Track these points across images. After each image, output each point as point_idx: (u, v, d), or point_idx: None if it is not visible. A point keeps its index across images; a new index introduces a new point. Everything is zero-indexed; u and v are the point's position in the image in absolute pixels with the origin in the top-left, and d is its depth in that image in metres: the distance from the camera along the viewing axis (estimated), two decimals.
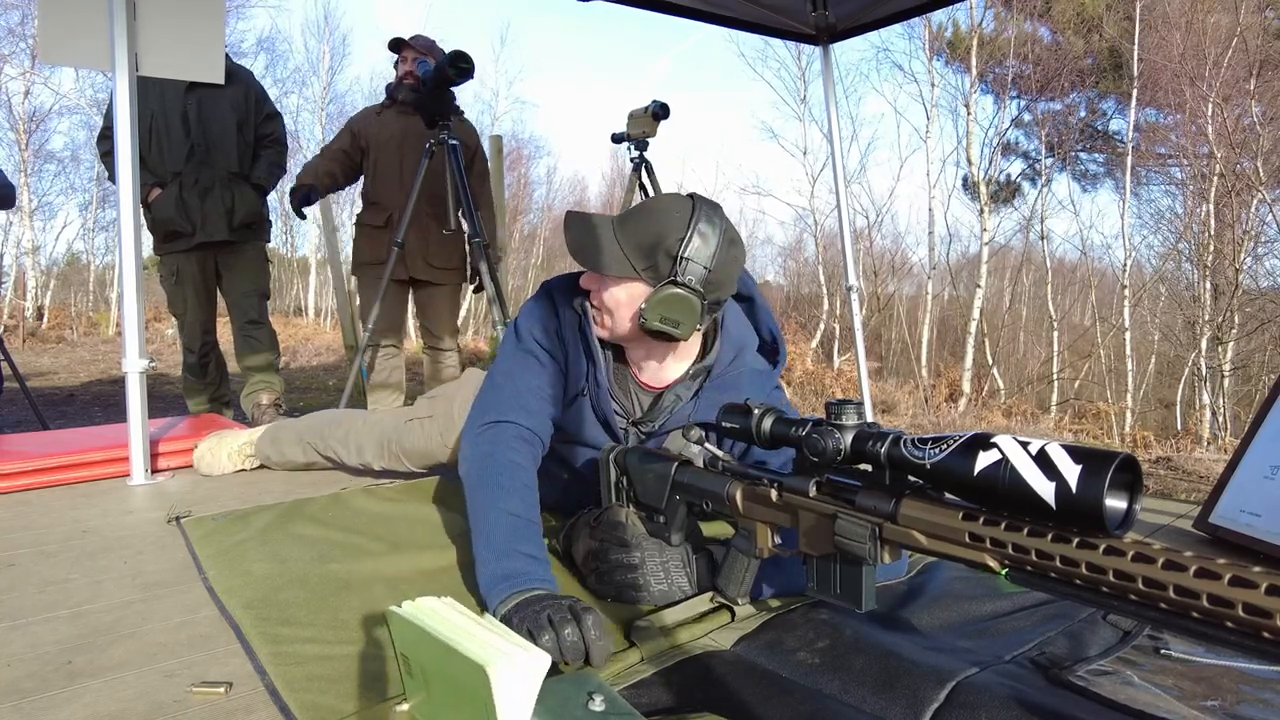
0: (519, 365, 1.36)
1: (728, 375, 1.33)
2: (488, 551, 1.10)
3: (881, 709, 0.85)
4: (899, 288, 13.24)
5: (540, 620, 0.93)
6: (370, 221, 3.14)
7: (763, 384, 1.37)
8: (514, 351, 1.38)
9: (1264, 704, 0.89)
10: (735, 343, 1.34)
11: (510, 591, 1.02)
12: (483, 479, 1.21)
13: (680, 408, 1.34)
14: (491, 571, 1.07)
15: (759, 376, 1.36)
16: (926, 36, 12.15)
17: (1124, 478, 0.65)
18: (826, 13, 3.15)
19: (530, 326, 1.37)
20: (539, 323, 1.37)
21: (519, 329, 1.39)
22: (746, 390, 1.32)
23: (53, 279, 15.31)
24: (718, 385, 1.32)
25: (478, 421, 1.31)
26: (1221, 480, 1.55)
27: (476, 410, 1.35)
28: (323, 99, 16.86)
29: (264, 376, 3.26)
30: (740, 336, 1.35)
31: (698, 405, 1.33)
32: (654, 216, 1.22)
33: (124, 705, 0.89)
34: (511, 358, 1.37)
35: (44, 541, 1.51)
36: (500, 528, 1.13)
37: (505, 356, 1.39)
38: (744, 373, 1.34)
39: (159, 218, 3.01)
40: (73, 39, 2.03)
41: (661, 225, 1.20)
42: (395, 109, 3.15)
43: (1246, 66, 9.09)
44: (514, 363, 1.36)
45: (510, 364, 1.37)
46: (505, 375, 1.36)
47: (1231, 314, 9.01)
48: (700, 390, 1.33)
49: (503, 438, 1.27)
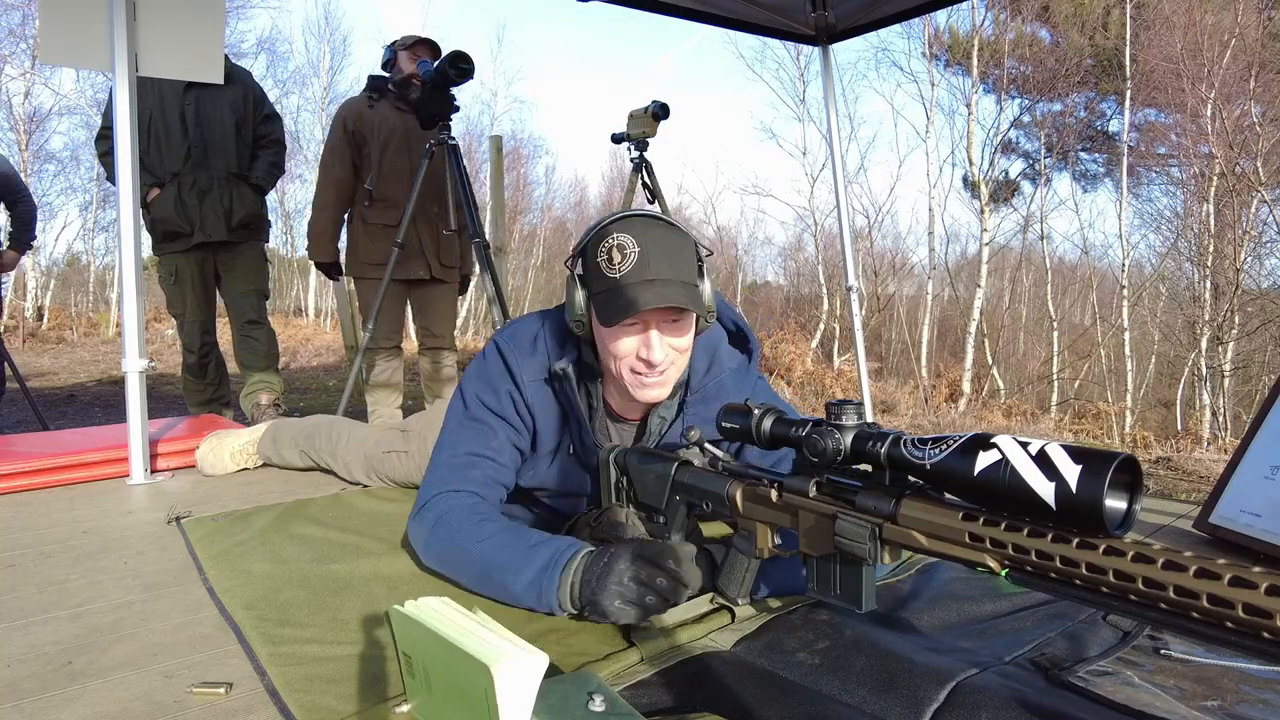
0: (466, 434, 1.25)
1: (708, 385, 1.28)
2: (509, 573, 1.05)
3: (881, 709, 0.85)
4: (899, 288, 13.26)
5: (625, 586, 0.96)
6: (378, 221, 3.03)
7: (744, 382, 1.33)
8: (461, 422, 1.27)
9: (1264, 704, 0.89)
10: (707, 346, 1.29)
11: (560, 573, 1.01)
12: (450, 537, 1.14)
13: (667, 429, 1.30)
14: (526, 579, 1.03)
15: (739, 376, 1.32)
16: (926, 36, 12.16)
17: (1124, 478, 0.65)
18: (826, 13, 3.15)
19: (479, 392, 1.27)
20: (488, 387, 1.26)
21: (465, 397, 1.29)
22: (731, 394, 1.28)
23: (53, 279, 15.31)
24: (701, 397, 1.28)
25: (420, 504, 1.21)
26: (1222, 480, 1.55)
27: (421, 493, 1.24)
28: (323, 99, 16.87)
29: (263, 376, 3.25)
30: (708, 338, 1.29)
31: (684, 422, 1.28)
32: (684, 237, 1.16)
33: (124, 706, 0.89)
34: (457, 429, 1.27)
35: (44, 542, 1.51)
36: (500, 546, 1.08)
37: (449, 430, 1.28)
38: (724, 377, 1.30)
39: (158, 218, 3.01)
40: (73, 39, 2.03)
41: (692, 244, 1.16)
42: (391, 104, 3.09)
43: (1246, 66, 9.09)
44: (459, 433, 1.26)
45: (454, 434, 1.26)
46: (448, 447, 1.25)
47: (1232, 314, 9.01)
48: (683, 405, 1.29)
49: (450, 502, 1.19)
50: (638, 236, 1.11)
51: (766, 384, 1.39)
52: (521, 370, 1.25)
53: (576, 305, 1.17)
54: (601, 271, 1.12)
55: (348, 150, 3.03)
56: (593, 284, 1.15)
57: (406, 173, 3.03)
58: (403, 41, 3.08)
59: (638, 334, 1.13)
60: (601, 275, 1.12)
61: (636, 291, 1.09)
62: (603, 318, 1.12)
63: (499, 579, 1.06)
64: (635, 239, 1.11)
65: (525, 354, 1.25)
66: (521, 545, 1.07)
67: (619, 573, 0.97)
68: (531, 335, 1.27)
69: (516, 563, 1.05)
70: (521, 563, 1.05)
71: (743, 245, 17.20)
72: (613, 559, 0.99)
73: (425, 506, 1.19)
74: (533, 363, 1.25)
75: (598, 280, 1.13)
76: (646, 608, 0.97)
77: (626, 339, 1.14)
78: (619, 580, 0.96)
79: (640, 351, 1.14)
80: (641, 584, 0.96)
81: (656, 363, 1.14)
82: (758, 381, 1.36)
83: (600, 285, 1.13)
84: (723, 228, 17.52)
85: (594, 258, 1.13)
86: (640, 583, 0.96)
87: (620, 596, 0.96)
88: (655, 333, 1.13)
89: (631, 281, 1.09)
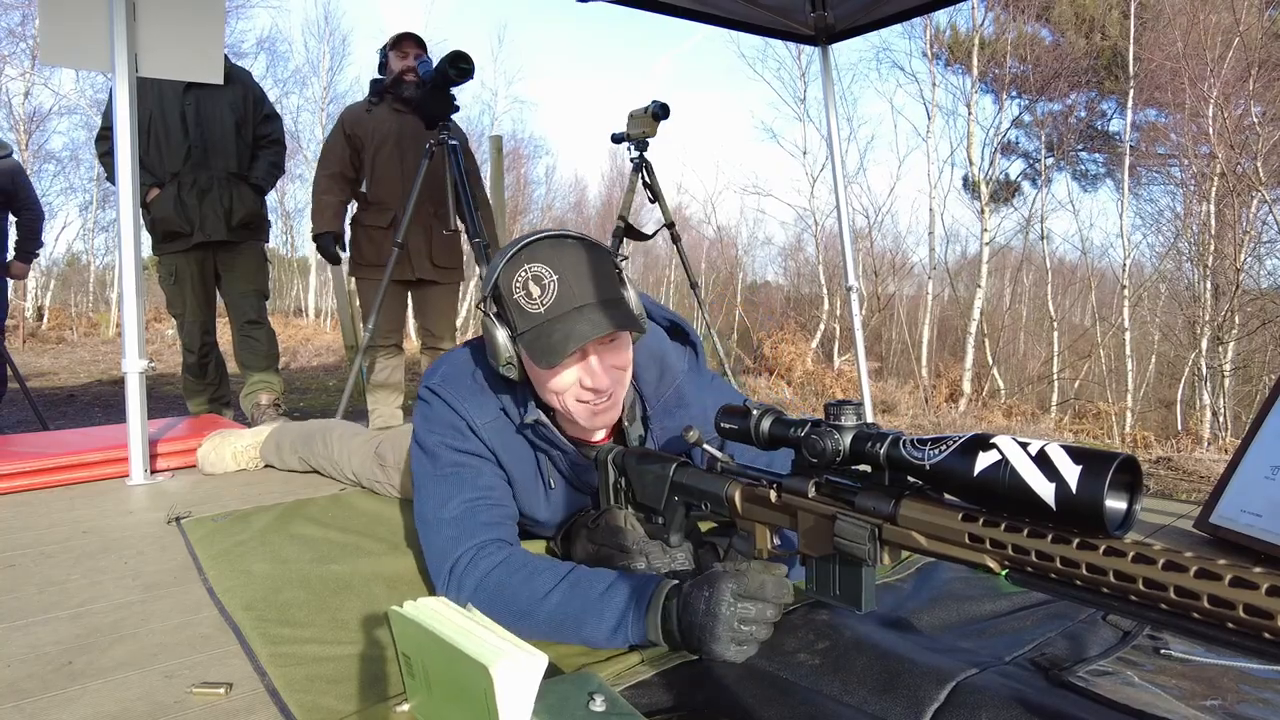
0: (448, 485, 1.14)
1: (667, 396, 1.24)
2: (586, 625, 0.99)
3: (882, 710, 0.85)
4: (899, 288, 13.25)
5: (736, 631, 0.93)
6: (373, 223, 3.10)
7: (700, 383, 1.29)
8: (435, 478, 1.16)
9: (1264, 704, 0.89)
10: (653, 354, 1.24)
11: (645, 615, 0.98)
12: (504, 603, 1.03)
13: (645, 437, 1.27)
14: (608, 627, 0.98)
15: (693, 378, 1.28)
16: (927, 36, 12.16)
17: (1124, 478, 0.65)
18: (825, 13, 3.15)
19: (442, 440, 1.16)
20: (449, 429, 1.16)
21: (427, 450, 1.17)
22: (691, 398, 1.26)
23: (53, 279, 15.30)
24: (663, 408, 1.25)
25: (443, 573, 1.10)
26: (1222, 480, 1.55)
27: (432, 561, 1.13)
28: (323, 99, 16.86)
29: (263, 377, 3.26)
30: (649, 344, 1.23)
31: (653, 437, 1.25)
32: (597, 251, 1.10)
33: (124, 706, 0.89)
34: (436, 485, 1.15)
35: (44, 542, 1.51)
36: (567, 599, 1.01)
37: (427, 490, 1.16)
38: (680, 383, 1.26)
39: (157, 218, 3.01)
40: (73, 40, 2.04)
41: (607, 255, 1.10)
42: (388, 106, 3.12)
43: (1246, 65, 9.09)
44: (440, 487, 1.15)
45: (436, 491, 1.15)
46: (436, 508, 1.14)
47: (1232, 314, 9.01)
48: (647, 420, 1.25)
49: (481, 564, 1.08)
50: (551, 263, 1.03)
51: (721, 380, 1.37)
52: (470, 413, 1.16)
53: (502, 349, 1.08)
54: (522, 309, 1.04)
55: (345, 152, 3.09)
56: (516, 323, 1.06)
57: (398, 175, 3.06)
58: (390, 42, 3.11)
59: (576, 363, 1.08)
60: (523, 313, 1.04)
61: (566, 324, 1.02)
62: (536, 359, 1.03)
63: (574, 631, 1.00)
64: (549, 266, 1.03)
65: (469, 394, 1.17)
66: (591, 594, 1.01)
67: (725, 620, 0.93)
68: (468, 373, 1.19)
69: (592, 613, 0.99)
70: (597, 612, 0.99)
71: (743, 245, 17.20)
72: (713, 605, 0.94)
73: (454, 571, 1.08)
74: (481, 402, 1.17)
75: (520, 318, 1.05)
76: (758, 641, 0.96)
77: (565, 373, 1.08)
78: (728, 627, 0.93)
79: (584, 381, 1.09)
80: (749, 623, 0.94)
81: (602, 389, 1.09)
82: (713, 380, 1.34)
83: (524, 324, 1.05)
84: (723, 227, 17.52)
85: (510, 295, 1.05)
86: (747, 622, 0.94)
87: (734, 641, 0.93)
88: (594, 358, 1.08)
89: (556, 314, 1.02)
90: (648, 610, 0.98)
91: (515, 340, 1.07)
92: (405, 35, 3.10)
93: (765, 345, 10.51)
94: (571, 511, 1.31)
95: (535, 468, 1.23)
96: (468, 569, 1.07)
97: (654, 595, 0.99)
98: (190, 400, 3.31)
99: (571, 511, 1.31)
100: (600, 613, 0.99)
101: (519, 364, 1.10)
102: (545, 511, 1.27)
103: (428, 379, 1.21)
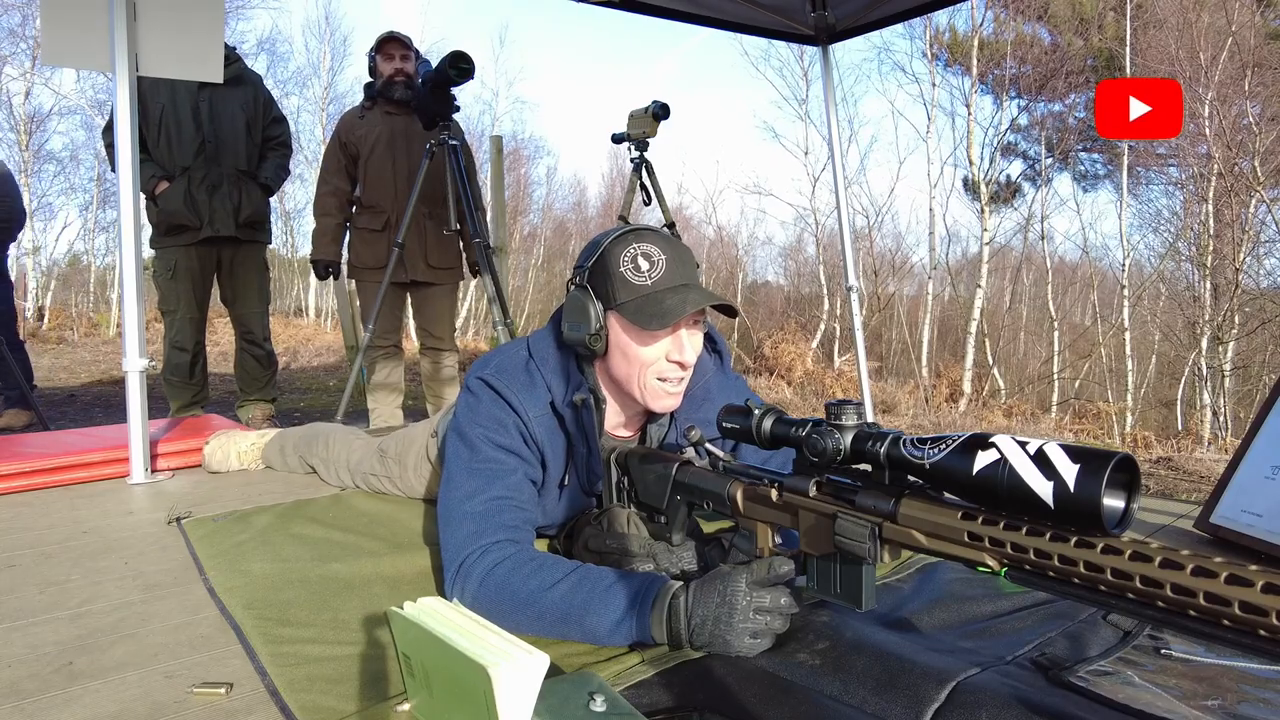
0: (479, 479, 1.15)
1: (695, 390, 1.28)
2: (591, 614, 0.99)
3: (882, 710, 0.85)
4: (899, 288, 13.24)
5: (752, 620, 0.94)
6: (367, 226, 3.11)
7: (726, 382, 1.34)
8: (470, 467, 1.16)
9: (1264, 703, 0.89)
10: None
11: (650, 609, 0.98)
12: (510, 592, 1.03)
13: (664, 436, 1.31)
14: (612, 619, 0.98)
15: (720, 377, 1.34)
16: (928, 36, 12.16)
17: (1122, 477, 0.65)
18: (826, 13, 3.15)
19: (485, 433, 1.17)
20: (495, 424, 1.17)
21: (469, 440, 1.17)
22: (716, 395, 1.30)
23: (53, 279, 15.29)
24: (689, 403, 1.27)
25: (454, 564, 1.09)
26: (1222, 480, 1.55)
27: (447, 549, 1.12)
28: (323, 100, 16.85)
29: (260, 395, 3.37)
30: None
31: (677, 428, 1.29)
32: (684, 245, 1.22)
33: (124, 706, 0.90)
34: (467, 476, 1.15)
35: (45, 542, 1.51)
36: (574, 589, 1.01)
37: (457, 479, 1.16)
38: (709, 380, 1.31)
39: (166, 210, 3.02)
40: (74, 40, 2.04)
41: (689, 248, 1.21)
42: (379, 109, 3.12)
43: (1241, 66, 9.08)
44: (471, 480, 1.15)
45: (465, 482, 1.15)
46: (464, 499, 1.13)
47: (1232, 314, 9.00)
48: (673, 413, 1.28)
49: (492, 557, 1.08)
50: (659, 245, 1.15)
51: (744, 383, 1.43)
52: (525, 404, 1.18)
53: (592, 320, 1.15)
54: (628, 281, 1.13)
55: (342, 161, 3.11)
56: (617, 294, 1.13)
57: (390, 177, 3.07)
58: (375, 45, 3.13)
59: (669, 335, 1.15)
60: (628, 285, 1.13)
61: (678, 294, 1.11)
62: (645, 323, 1.10)
63: (578, 621, 1.00)
64: (658, 247, 1.14)
65: (522, 387, 1.19)
66: (598, 586, 1.01)
67: (742, 610, 0.93)
68: (521, 365, 1.22)
69: (596, 605, 0.99)
70: (602, 603, 0.99)
71: (743, 245, 17.18)
72: (728, 595, 0.94)
73: (463, 566, 1.08)
74: (533, 395, 1.19)
75: (624, 290, 1.13)
76: (774, 632, 0.96)
77: (658, 344, 1.15)
78: (744, 617, 0.93)
79: (671, 354, 1.16)
80: (765, 612, 0.94)
81: (689, 363, 1.17)
82: (736, 381, 1.39)
83: (628, 295, 1.13)
84: (723, 227, 17.50)
85: (617, 268, 1.13)
86: (762, 611, 0.94)
87: (750, 633, 0.94)
88: (685, 333, 1.16)
89: (666, 286, 1.12)
90: (653, 607, 0.98)
91: (610, 311, 1.15)
92: (389, 37, 3.11)
93: (765, 345, 10.51)
94: (575, 511, 1.32)
95: (565, 465, 1.25)
96: (478, 561, 1.08)
97: (660, 593, 0.99)
98: (173, 400, 3.27)
99: (575, 511, 1.32)
100: (605, 604, 0.99)
101: (604, 338, 1.16)
102: (555, 509, 1.29)
103: (480, 370, 1.23)
